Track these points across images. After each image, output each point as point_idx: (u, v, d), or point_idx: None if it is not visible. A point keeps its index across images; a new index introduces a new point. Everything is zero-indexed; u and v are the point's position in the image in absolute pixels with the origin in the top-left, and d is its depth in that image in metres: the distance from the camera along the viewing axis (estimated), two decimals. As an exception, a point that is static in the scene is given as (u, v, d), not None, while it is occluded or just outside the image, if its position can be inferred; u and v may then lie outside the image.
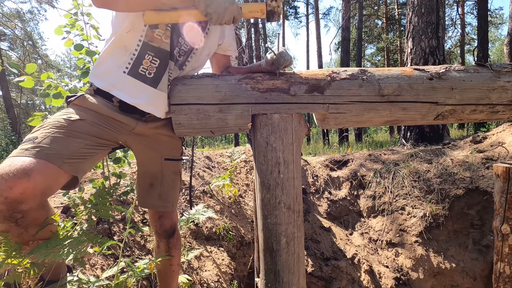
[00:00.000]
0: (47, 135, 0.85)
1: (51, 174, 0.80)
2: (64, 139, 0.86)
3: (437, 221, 2.53)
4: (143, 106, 1.02)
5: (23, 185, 0.74)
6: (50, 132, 0.86)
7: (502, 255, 1.11)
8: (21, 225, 0.77)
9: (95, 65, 1.06)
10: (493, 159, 2.65)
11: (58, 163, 0.82)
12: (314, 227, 2.80)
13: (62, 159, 0.83)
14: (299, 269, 1.04)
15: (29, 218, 0.78)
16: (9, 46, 15.93)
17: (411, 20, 4.33)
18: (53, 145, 0.83)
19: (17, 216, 0.75)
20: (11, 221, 0.75)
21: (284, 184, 1.01)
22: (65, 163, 0.83)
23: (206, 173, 3.18)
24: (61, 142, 0.85)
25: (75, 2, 1.64)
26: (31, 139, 0.83)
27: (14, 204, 0.74)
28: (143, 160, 1.15)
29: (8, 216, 0.74)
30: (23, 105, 20.23)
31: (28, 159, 0.77)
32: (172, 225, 1.20)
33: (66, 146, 0.86)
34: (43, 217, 0.84)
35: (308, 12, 18.57)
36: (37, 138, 0.83)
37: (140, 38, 1.00)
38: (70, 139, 0.87)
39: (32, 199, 0.76)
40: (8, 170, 0.74)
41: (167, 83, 1.03)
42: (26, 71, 1.41)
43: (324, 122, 1.09)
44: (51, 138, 0.84)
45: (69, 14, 1.64)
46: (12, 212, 0.74)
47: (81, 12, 1.65)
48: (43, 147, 0.82)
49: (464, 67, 1.10)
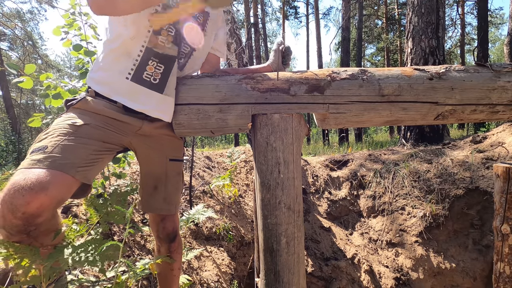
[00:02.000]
0: (56, 143, 0.83)
1: (66, 185, 0.79)
2: (74, 147, 0.85)
3: (437, 221, 2.53)
4: (151, 112, 1.01)
5: (41, 199, 0.72)
6: (59, 140, 0.84)
7: (502, 255, 1.11)
8: (33, 236, 0.76)
9: (93, 69, 1.03)
10: (493, 159, 2.65)
11: (72, 173, 0.81)
12: (314, 227, 2.80)
13: (75, 168, 0.82)
14: (299, 269, 1.04)
15: (41, 229, 0.77)
16: (9, 46, 15.93)
17: (411, 20, 4.33)
18: (65, 154, 0.82)
19: (31, 229, 0.75)
20: (24, 233, 0.74)
21: (284, 184, 1.01)
22: (78, 172, 0.82)
23: (206, 173, 3.18)
24: (71, 150, 0.84)
25: (72, 1, 1.64)
26: (41, 148, 0.81)
27: (30, 219, 0.73)
28: (147, 162, 1.13)
29: (23, 230, 0.73)
30: (23, 105, 20.23)
31: (42, 171, 0.76)
32: (175, 228, 1.18)
33: (77, 154, 0.85)
34: (54, 226, 0.83)
35: (308, 12, 18.59)
36: (47, 148, 0.81)
37: (143, 44, 0.99)
38: (79, 146, 0.86)
39: (47, 212, 0.76)
40: (24, 184, 0.72)
41: (174, 87, 1.03)
42: (25, 72, 1.41)
43: (324, 122, 1.09)
44: (61, 147, 0.83)
45: (67, 14, 1.63)
46: (28, 226, 0.73)
47: (78, 12, 1.65)
48: (56, 157, 0.80)
49: (464, 67, 1.10)
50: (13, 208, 0.70)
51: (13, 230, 0.73)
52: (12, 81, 1.67)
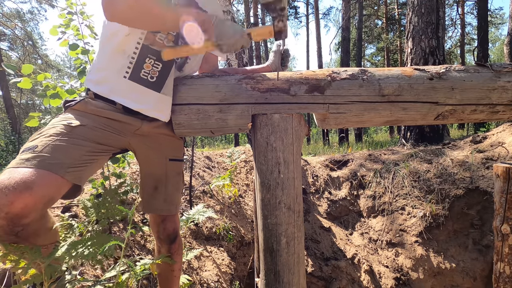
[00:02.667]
0: (47, 143, 0.81)
1: (53, 185, 0.77)
2: (66, 147, 0.83)
3: (437, 221, 2.53)
4: (148, 111, 1.00)
5: (25, 199, 0.70)
6: (51, 140, 0.82)
7: (502, 255, 1.11)
8: (21, 237, 0.75)
9: (91, 70, 1.02)
10: (493, 159, 2.65)
11: (61, 173, 0.78)
12: (314, 227, 2.80)
13: (65, 168, 0.80)
14: (299, 269, 1.04)
15: (30, 230, 0.76)
16: (9, 46, 15.91)
17: (411, 20, 4.33)
18: (54, 153, 0.80)
19: (18, 230, 0.73)
20: (11, 234, 0.73)
21: (284, 184, 1.01)
22: (68, 172, 0.80)
23: (206, 173, 3.18)
24: (63, 150, 0.82)
25: (69, 1, 1.63)
26: (31, 148, 0.80)
27: (15, 219, 0.71)
28: (147, 162, 1.12)
29: (8, 230, 0.72)
30: (23, 105, 20.22)
31: (28, 171, 0.74)
32: (175, 229, 1.18)
33: (68, 154, 0.83)
34: (43, 227, 0.81)
35: (308, 12, 18.57)
36: (37, 147, 0.79)
37: (138, 40, 0.97)
38: (71, 147, 0.84)
39: (34, 212, 0.73)
40: (8, 184, 0.70)
41: (172, 86, 1.02)
42: (22, 72, 1.41)
43: (324, 122, 1.09)
44: (52, 147, 0.81)
45: (63, 14, 1.63)
46: (13, 226, 0.72)
47: (75, 11, 1.65)
48: (44, 157, 0.78)
49: (464, 67, 1.10)
50: None
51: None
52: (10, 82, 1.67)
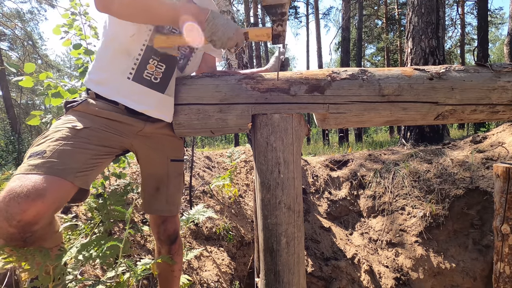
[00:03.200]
0: (55, 148, 0.81)
1: (64, 191, 0.77)
2: (72, 151, 0.83)
3: (437, 221, 2.53)
4: (152, 112, 1.00)
5: (38, 207, 0.70)
6: (58, 145, 0.82)
7: (502, 255, 1.11)
8: (29, 242, 0.75)
9: (92, 70, 1.01)
10: (493, 159, 2.65)
11: (70, 178, 0.79)
12: (314, 227, 2.80)
13: (74, 173, 0.80)
14: (299, 269, 1.04)
15: (37, 235, 0.76)
16: (9, 46, 15.92)
17: (411, 20, 4.33)
18: (63, 159, 0.80)
19: (27, 236, 0.73)
20: (20, 241, 0.73)
21: (284, 184, 1.01)
22: (76, 177, 0.80)
23: (206, 173, 3.18)
24: (70, 155, 0.82)
25: (73, 2, 1.64)
26: (39, 153, 0.79)
27: (26, 227, 0.71)
28: (148, 163, 1.12)
29: (18, 238, 0.72)
30: (23, 105, 20.22)
31: (40, 177, 0.74)
32: (176, 229, 1.18)
33: (75, 159, 0.83)
34: (50, 231, 0.81)
35: (308, 12, 18.58)
36: (45, 152, 0.79)
37: (144, 42, 0.97)
38: (77, 151, 0.84)
39: (45, 219, 0.74)
40: (20, 192, 0.70)
41: (174, 87, 1.02)
42: (25, 71, 1.41)
43: (324, 122, 1.09)
44: (60, 151, 0.81)
45: (67, 14, 1.64)
46: (24, 234, 0.72)
47: (79, 12, 1.65)
48: (53, 162, 0.78)
49: (464, 67, 1.10)
50: (8, 217, 0.68)
51: (8, 238, 0.71)
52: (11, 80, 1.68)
